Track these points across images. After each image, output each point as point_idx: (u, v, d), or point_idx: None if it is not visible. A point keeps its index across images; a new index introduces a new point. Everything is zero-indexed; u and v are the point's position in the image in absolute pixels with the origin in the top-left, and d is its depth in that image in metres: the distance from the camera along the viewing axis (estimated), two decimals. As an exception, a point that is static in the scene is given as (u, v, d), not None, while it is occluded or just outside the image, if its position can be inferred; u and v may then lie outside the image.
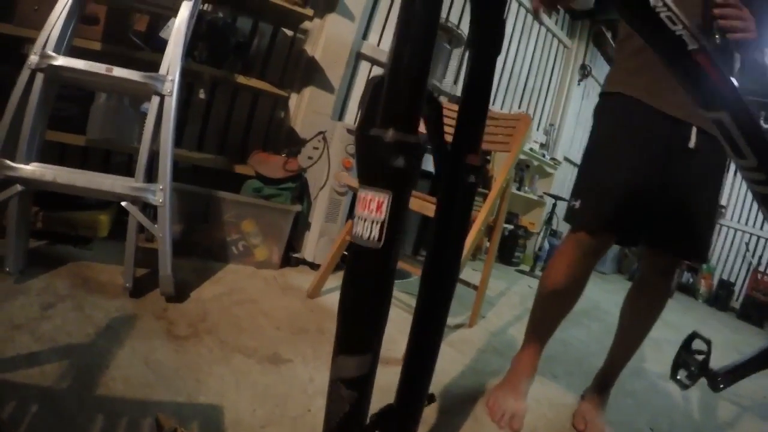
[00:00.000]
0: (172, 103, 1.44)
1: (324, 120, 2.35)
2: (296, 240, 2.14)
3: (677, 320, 3.68)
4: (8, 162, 1.33)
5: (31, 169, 1.36)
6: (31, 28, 1.65)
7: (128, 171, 1.48)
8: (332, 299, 1.90)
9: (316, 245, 2.10)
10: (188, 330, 1.42)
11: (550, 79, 4.29)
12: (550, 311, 1.38)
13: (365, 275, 0.49)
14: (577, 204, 1.27)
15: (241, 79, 1.96)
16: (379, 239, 0.45)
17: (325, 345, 1.56)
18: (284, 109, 2.42)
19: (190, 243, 1.88)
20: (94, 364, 1.13)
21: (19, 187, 1.35)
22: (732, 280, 5.26)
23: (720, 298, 5.05)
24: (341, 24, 2.39)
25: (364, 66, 2.69)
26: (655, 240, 1.27)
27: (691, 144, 1.19)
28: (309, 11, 2.07)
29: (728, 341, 3.57)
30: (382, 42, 2.72)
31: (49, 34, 1.37)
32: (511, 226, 3.79)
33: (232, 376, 1.24)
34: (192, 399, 1.12)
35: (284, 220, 1.97)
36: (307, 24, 2.38)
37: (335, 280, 1.97)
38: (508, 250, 3.78)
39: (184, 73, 1.53)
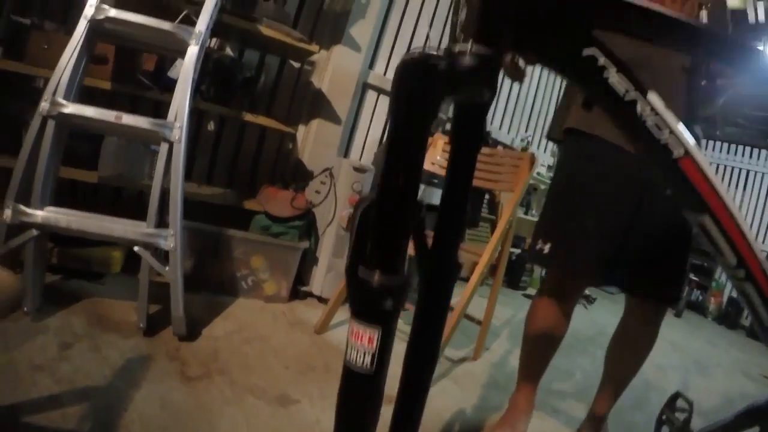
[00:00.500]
0: (180, 149, 1.50)
1: (331, 153, 2.42)
2: (305, 273, 2.20)
3: (685, 342, 3.70)
4: (23, 207, 1.40)
5: (45, 214, 1.43)
6: (42, 66, 1.74)
7: (139, 205, 1.54)
8: (339, 335, 1.96)
9: (324, 279, 2.16)
10: (200, 370, 1.47)
11: (557, 102, 4.33)
12: (536, 353, 1.41)
13: (358, 397, 0.56)
14: (547, 248, 1.26)
15: (249, 117, 2.04)
16: (371, 367, 0.51)
17: (331, 384, 1.61)
18: (292, 142, 2.49)
19: (201, 278, 1.94)
20: (112, 405, 1.19)
21: (34, 232, 1.42)
22: None
23: (729, 315, 5.05)
24: (347, 55, 2.47)
25: (371, 95, 2.76)
26: (634, 285, 1.29)
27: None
28: (314, 47, 2.15)
29: (735, 362, 3.58)
30: (388, 71, 2.78)
31: (59, 80, 1.42)
32: (518, 251, 3.82)
33: (243, 418, 1.30)
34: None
35: (292, 256, 2.03)
36: (314, 56, 2.44)
37: (343, 314, 2.02)
38: (515, 275, 3.81)
39: (193, 110, 1.59)
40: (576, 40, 0.56)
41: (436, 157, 2.02)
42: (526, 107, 3.97)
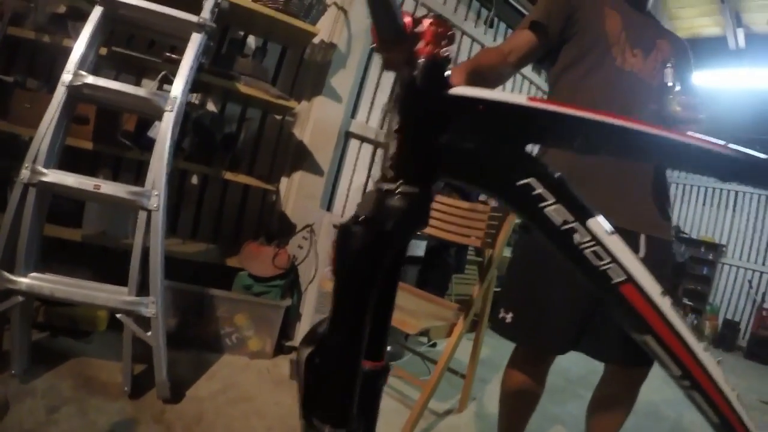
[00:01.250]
0: (159, 217, 1.55)
1: (314, 204, 2.50)
2: (289, 328, 2.26)
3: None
4: (7, 275, 1.45)
5: (30, 282, 1.49)
6: (25, 125, 1.78)
7: (124, 260, 1.57)
8: None
9: None
10: None
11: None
12: (514, 415, 1.41)
13: None
14: (509, 317, 1.27)
15: (229, 176, 2.10)
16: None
17: None
18: (275, 195, 2.55)
19: (186, 336, 1.99)
20: None
21: (19, 298, 1.48)
22: (737, 319, 5.35)
23: (726, 338, 5.11)
24: (329, 106, 2.56)
25: (353, 144, 2.84)
26: (608, 353, 1.27)
27: (641, 254, 1.20)
28: (293, 103, 2.25)
29: (736, 388, 3.56)
30: (370, 119, 2.88)
31: (39, 146, 1.47)
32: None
33: None
34: None
35: (275, 314, 2.10)
36: (295, 107, 2.52)
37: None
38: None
39: (173, 170, 1.66)
40: (511, 170, 0.57)
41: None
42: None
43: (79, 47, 1.54)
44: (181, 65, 1.64)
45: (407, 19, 0.55)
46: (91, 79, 1.52)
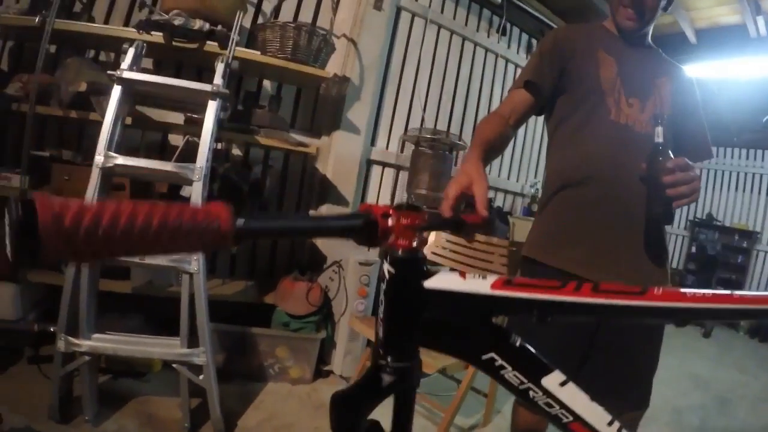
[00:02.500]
0: (200, 280, 1.79)
1: (341, 234, 2.69)
2: (326, 354, 2.52)
3: (709, 374, 3.68)
4: (73, 340, 1.72)
5: (93, 344, 1.75)
6: (67, 195, 1.94)
7: (170, 305, 1.88)
8: None
9: (343, 361, 2.47)
10: None
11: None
12: None
13: None
14: (517, 343, 1.40)
15: (260, 224, 2.31)
16: None
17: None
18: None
19: (232, 369, 2.28)
20: None
21: (86, 358, 1.75)
22: None
23: (762, 328, 4.98)
24: (348, 139, 2.77)
25: (375, 169, 3.07)
26: (602, 400, 1.40)
27: None
28: (313, 148, 2.45)
29: (763, 389, 3.56)
30: (390, 144, 3.10)
31: None
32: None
33: None
34: None
35: (312, 345, 2.38)
36: (315, 141, 2.73)
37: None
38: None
39: None
40: (477, 346, 0.69)
41: (437, 247, 2.27)
42: (533, 153, 4.11)
43: (105, 129, 1.73)
44: (202, 134, 1.82)
45: (377, 214, 0.62)
46: (121, 160, 1.74)
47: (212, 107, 1.84)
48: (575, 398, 0.71)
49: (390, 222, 0.62)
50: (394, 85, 3.08)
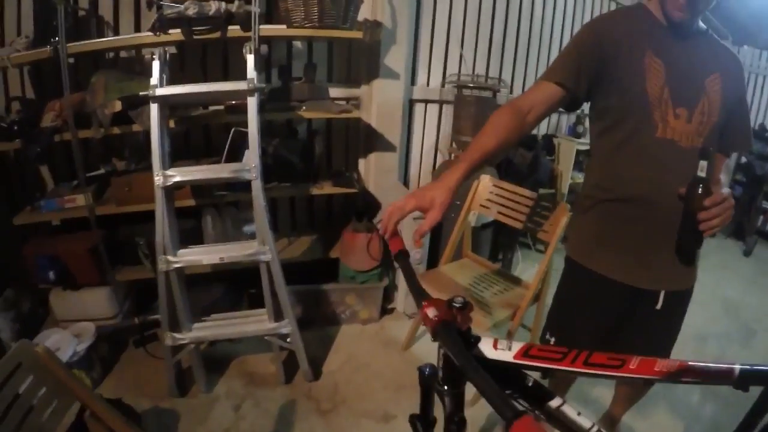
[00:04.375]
0: (276, 266, 2.08)
1: (392, 177, 2.95)
2: (390, 293, 2.92)
3: (740, 299, 3.69)
4: (176, 335, 2.10)
5: (194, 334, 2.12)
6: (132, 204, 2.25)
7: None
8: (420, 349, 2.69)
9: (405, 300, 2.86)
10: (329, 404, 2.28)
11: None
12: None
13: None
14: (552, 340, 1.66)
15: (315, 191, 2.60)
16: None
17: (417, 398, 2.28)
18: (357, 177, 2.98)
19: (310, 318, 2.73)
20: None
21: (192, 346, 2.15)
22: None
23: None
24: (388, 86, 2.84)
25: (418, 107, 3.16)
26: None
27: (658, 306, 1.47)
28: (356, 114, 2.59)
29: None
30: (430, 80, 3.13)
31: (163, 240, 1.94)
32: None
33: None
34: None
35: (377, 291, 2.79)
36: (356, 92, 2.83)
37: (422, 329, 2.69)
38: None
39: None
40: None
41: (484, 198, 2.48)
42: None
43: (155, 147, 1.87)
44: (249, 131, 1.94)
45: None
46: (178, 177, 1.92)
47: (252, 103, 1.94)
48: (567, 413, 0.98)
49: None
50: (429, 22, 3.02)
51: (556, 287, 1.70)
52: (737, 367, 0.95)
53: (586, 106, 1.49)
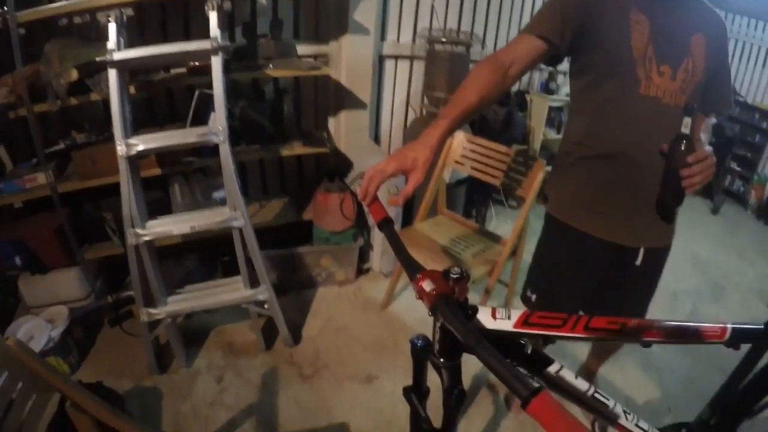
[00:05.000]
0: (249, 231, 2.04)
1: (363, 135, 2.90)
2: (365, 254, 2.93)
3: (709, 256, 3.91)
4: (152, 310, 2.05)
5: (169, 308, 2.08)
6: (97, 177, 2.14)
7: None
8: (399, 308, 2.73)
9: (380, 259, 2.88)
10: (311, 369, 2.30)
11: None
12: None
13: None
14: (533, 297, 1.71)
15: (286, 152, 2.54)
16: None
17: (398, 357, 2.39)
18: (327, 135, 2.92)
19: (286, 282, 2.72)
20: (268, 416, 2.02)
21: (168, 320, 2.12)
22: None
23: None
24: (358, 42, 2.74)
25: (389, 64, 3.08)
26: None
27: (638, 263, 1.51)
28: (326, 70, 2.50)
29: (758, 278, 3.69)
30: (401, 36, 3.05)
31: (130, 213, 1.87)
32: (548, 167, 4.04)
33: (347, 401, 2.13)
34: (330, 423, 2.02)
35: (352, 252, 2.78)
36: (324, 49, 2.74)
37: (400, 287, 2.72)
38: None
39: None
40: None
41: (458, 155, 2.47)
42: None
43: (116, 116, 1.78)
44: (214, 92, 1.86)
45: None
46: (142, 146, 1.83)
47: (216, 63, 1.84)
48: (565, 377, 1.00)
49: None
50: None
51: (536, 244, 1.72)
52: (729, 326, 0.99)
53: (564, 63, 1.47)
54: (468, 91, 1.22)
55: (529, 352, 0.97)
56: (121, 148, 1.81)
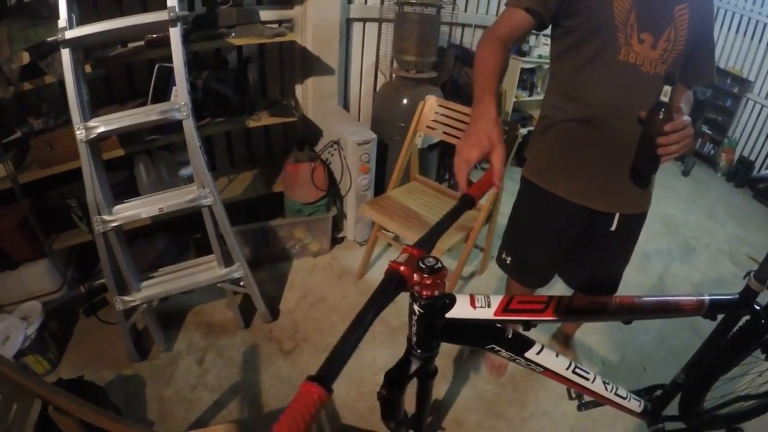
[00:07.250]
0: (219, 209, 2.00)
1: (332, 103, 2.84)
2: (339, 223, 2.94)
3: (680, 218, 4.04)
4: (126, 298, 2.02)
5: (144, 294, 2.04)
6: (58, 164, 2.07)
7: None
8: (375, 276, 2.76)
9: (354, 228, 2.90)
10: (291, 344, 2.33)
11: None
12: None
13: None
14: (508, 260, 1.78)
15: (252, 123, 2.48)
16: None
17: (376, 326, 2.36)
18: (295, 105, 2.88)
19: (261, 257, 2.72)
20: (252, 394, 2.05)
21: (144, 306, 2.08)
22: (752, 158, 5.24)
23: (738, 173, 5.20)
24: (323, 5, 2.67)
25: (356, 27, 3.00)
26: (576, 287, 1.84)
27: (613, 228, 1.56)
28: (291, 36, 2.43)
29: (727, 239, 3.86)
30: (368, -1, 2.98)
31: (95, 199, 1.81)
32: (525, 130, 3.97)
33: None
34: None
35: (325, 222, 2.77)
36: (289, 13, 2.67)
37: (375, 255, 2.76)
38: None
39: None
40: (483, 339, 1.01)
41: (430, 119, 2.46)
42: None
43: (72, 98, 1.69)
44: (174, 66, 1.78)
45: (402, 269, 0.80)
46: (102, 127, 1.75)
47: (175, 34, 1.76)
48: (546, 358, 1.10)
49: (416, 278, 0.81)
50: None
51: (512, 207, 1.76)
52: (707, 298, 1.06)
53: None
54: (491, 66, 1.20)
55: (509, 336, 1.02)
56: (80, 133, 1.73)
